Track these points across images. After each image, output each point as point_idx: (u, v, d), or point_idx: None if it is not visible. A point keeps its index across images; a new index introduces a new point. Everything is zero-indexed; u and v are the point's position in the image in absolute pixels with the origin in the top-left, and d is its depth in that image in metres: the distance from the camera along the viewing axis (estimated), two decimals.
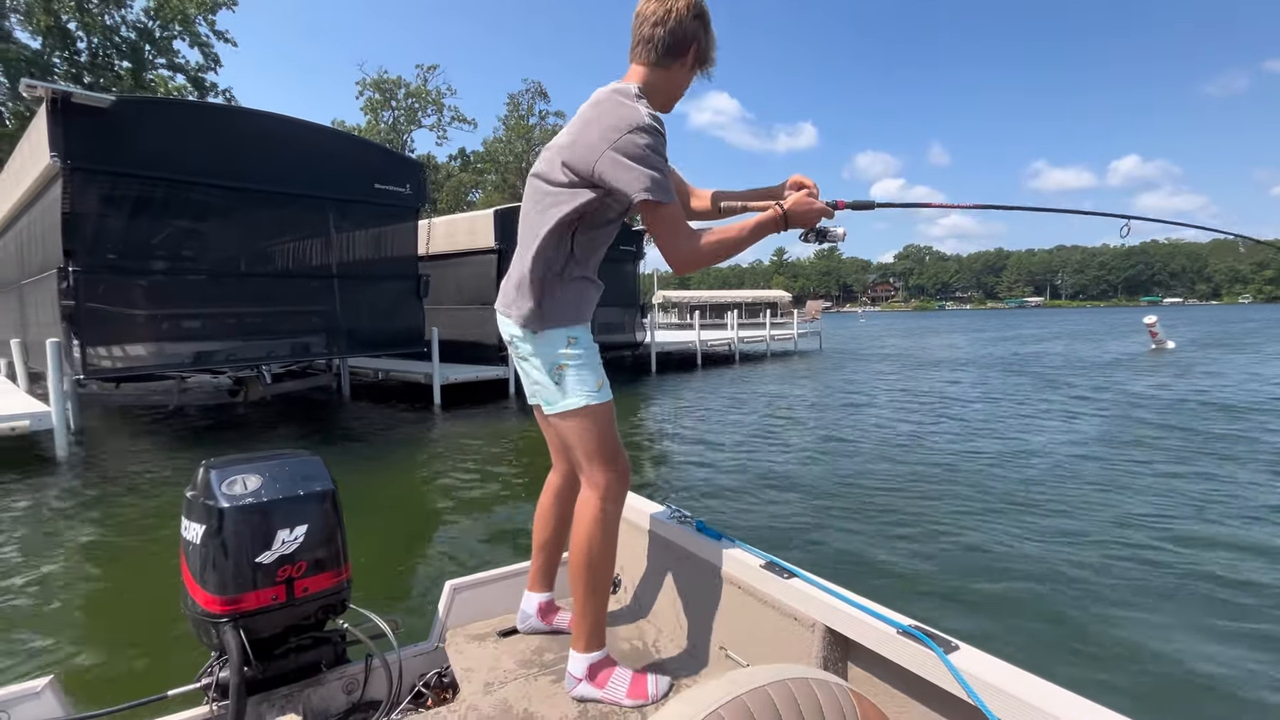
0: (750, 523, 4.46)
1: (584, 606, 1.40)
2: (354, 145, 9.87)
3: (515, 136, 41.32)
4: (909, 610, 1.18)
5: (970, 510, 4.55)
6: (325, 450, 7.26)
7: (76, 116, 6.11)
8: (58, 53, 26.29)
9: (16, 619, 3.15)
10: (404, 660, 1.51)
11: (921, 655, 1.06)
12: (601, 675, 1.39)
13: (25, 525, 4.58)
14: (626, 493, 1.46)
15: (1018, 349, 21.80)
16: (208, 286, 7.48)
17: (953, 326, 46.40)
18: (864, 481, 5.44)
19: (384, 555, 4.02)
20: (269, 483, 1.34)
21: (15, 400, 7.15)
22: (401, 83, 33.46)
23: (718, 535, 1.60)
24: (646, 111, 1.32)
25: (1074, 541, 3.91)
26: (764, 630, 1.40)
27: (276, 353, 8.58)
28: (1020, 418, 8.55)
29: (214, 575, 1.27)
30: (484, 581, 1.76)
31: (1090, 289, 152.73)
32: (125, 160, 6.52)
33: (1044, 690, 0.92)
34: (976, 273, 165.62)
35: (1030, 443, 6.88)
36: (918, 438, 7.29)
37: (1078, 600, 3.14)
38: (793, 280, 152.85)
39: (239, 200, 7.54)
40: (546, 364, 1.41)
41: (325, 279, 8.48)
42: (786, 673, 0.66)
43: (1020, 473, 5.61)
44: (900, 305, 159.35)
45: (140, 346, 6.94)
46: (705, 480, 5.67)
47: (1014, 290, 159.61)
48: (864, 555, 3.77)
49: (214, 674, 1.30)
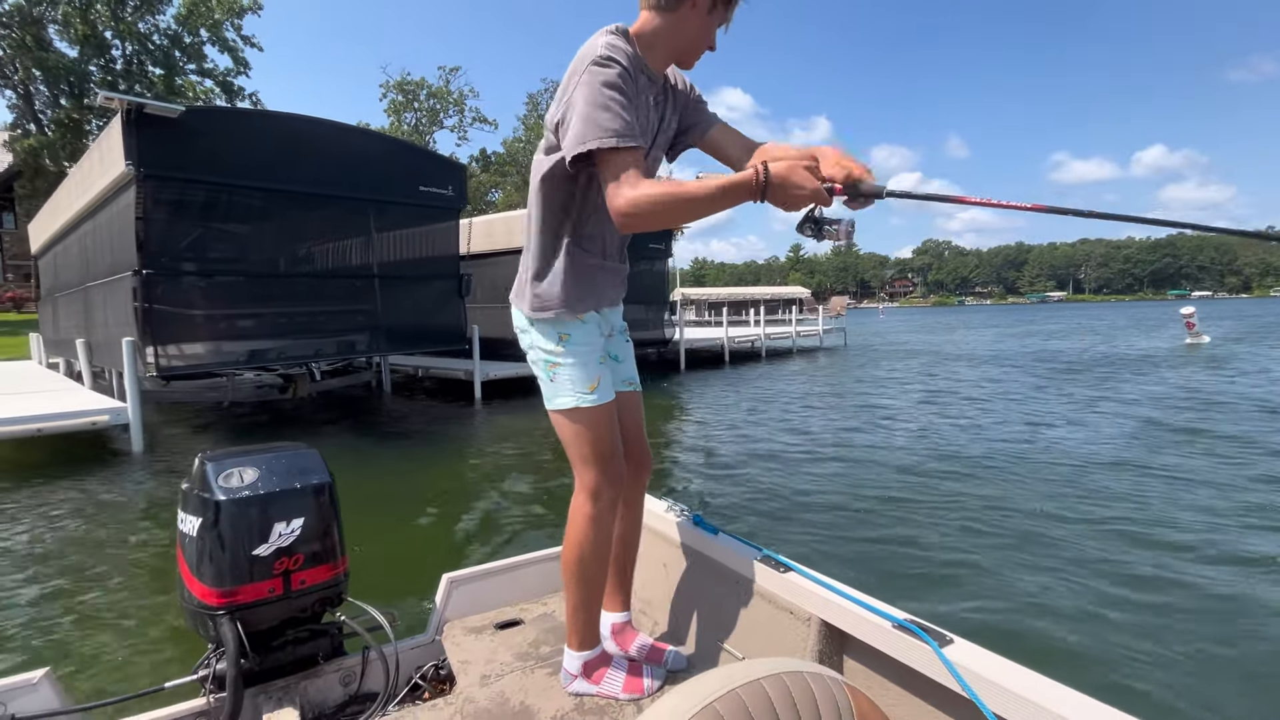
0: (767, 519, 4.40)
1: (576, 605, 1.38)
2: (400, 149, 10.16)
3: (535, 136, 41.63)
4: (905, 604, 1.18)
5: (989, 507, 4.47)
6: (368, 443, 7.56)
7: (148, 126, 6.41)
8: (94, 60, 27.03)
9: (78, 607, 3.22)
10: (401, 653, 1.50)
11: (916, 649, 1.06)
12: (597, 673, 1.39)
13: (114, 513, 4.87)
14: (619, 495, 1.41)
15: (1047, 344, 21.57)
16: (262, 287, 7.78)
17: (975, 322, 45.88)
18: (896, 479, 5.33)
19: (420, 546, 4.12)
20: (266, 475, 1.34)
21: (83, 397, 7.50)
22: (424, 84, 33.85)
23: (714, 529, 1.60)
24: (606, 45, 1.18)
25: (1081, 542, 3.82)
26: (759, 624, 1.40)
27: (324, 350, 8.89)
28: (1056, 414, 8.55)
29: (210, 568, 1.28)
30: (482, 575, 1.75)
31: (1115, 283, 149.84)
32: (191, 167, 6.82)
33: (1038, 684, 0.93)
34: (997, 267, 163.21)
35: (1057, 440, 6.85)
36: (941, 435, 7.28)
37: (1076, 596, 3.11)
38: (809, 276, 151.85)
39: (293, 204, 7.83)
40: (541, 358, 1.38)
41: (371, 279, 8.75)
42: (781, 666, 0.66)
43: (1053, 472, 5.52)
44: (919, 301, 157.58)
45: (203, 345, 7.26)
46: (725, 476, 5.63)
47: (1035, 285, 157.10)
48: (863, 549, 3.75)
49: (211, 666, 1.30)
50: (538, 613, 1.75)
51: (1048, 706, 0.88)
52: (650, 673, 1.43)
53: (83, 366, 8.93)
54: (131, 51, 27.70)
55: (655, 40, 1.27)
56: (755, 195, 1.15)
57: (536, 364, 1.40)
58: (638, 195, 1.13)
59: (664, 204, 1.13)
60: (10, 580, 3.58)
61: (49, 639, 2.90)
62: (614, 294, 1.46)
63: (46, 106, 27.42)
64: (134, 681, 2.49)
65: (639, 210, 1.13)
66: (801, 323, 22.27)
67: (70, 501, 5.13)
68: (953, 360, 16.77)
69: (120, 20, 26.39)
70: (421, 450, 7.25)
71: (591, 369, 1.35)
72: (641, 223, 1.16)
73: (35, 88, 27.15)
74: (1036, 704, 0.89)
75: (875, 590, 1.26)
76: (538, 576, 1.85)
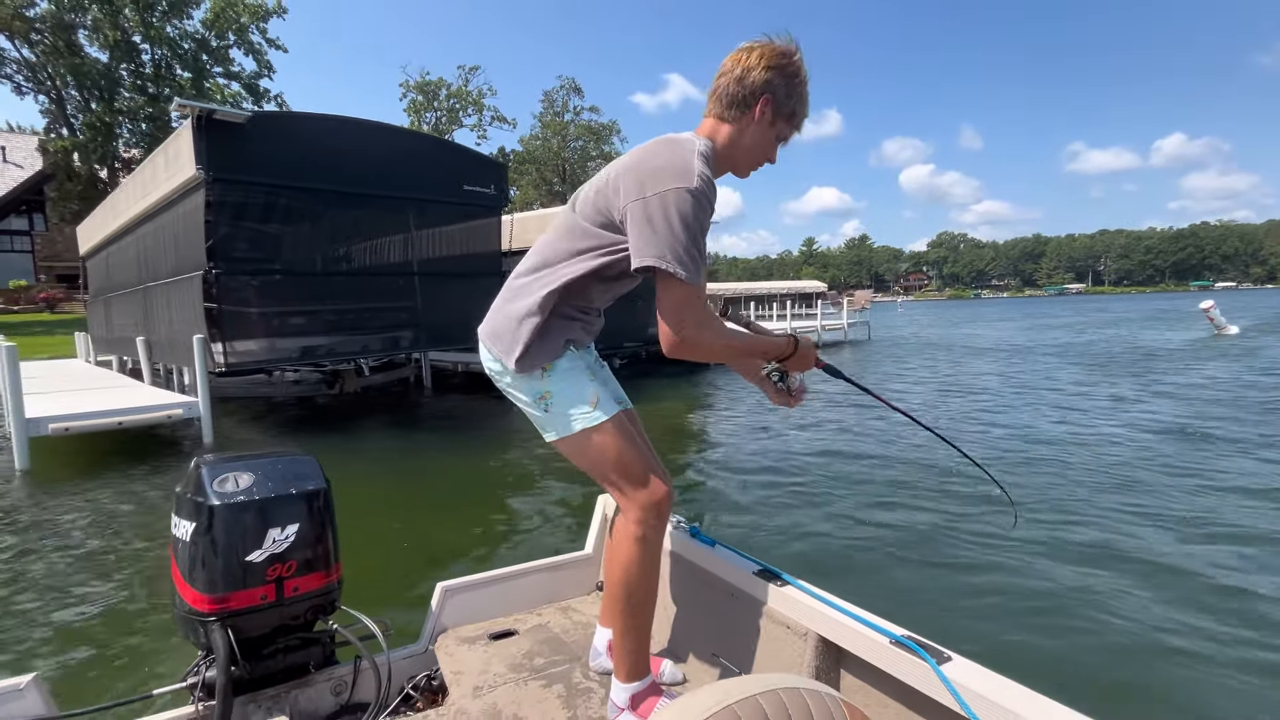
0: (765, 531, 4.27)
1: (624, 635, 1.31)
2: (446, 150, 10.41)
3: (551, 134, 41.86)
4: (903, 620, 1.17)
5: (995, 514, 4.33)
6: (409, 435, 7.71)
7: (216, 131, 6.69)
8: (124, 65, 27.62)
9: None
10: (393, 662, 1.48)
11: (914, 666, 1.05)
12: (645, 704, 1.30)
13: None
14: (667, 514, 1.33)
15: (1074, 337, 21.43)
16: (316, 286, 8.06)
17: (996, 315, 45.54)
18: (915, 483, 5.18)
19: (440, 548, 4.09)
20: (261, 481, 1.32)
21: (144, 393, 7.82)
22: (443, 84, 34.18)
23: (711, 542, 1.58)
24: (701, 173, 1.17)
25: (1090, 551, 3.69)
26: (756, 638, 1.39)
27: (370, 347, 9.17)
28: (1088, 408, 8.58)
29: (203, 573, 1.26)
30: (476, 584, 1.72)
31: (1135, 274, 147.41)
32: (254, 169, 7.10)
33: (1037, 703, 0.91)
34: (1014, 260, 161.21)
35: (1087, 437, 6.73)
36: (966, 433, 7.23)
37: (1081, 615, 3.01)
38: (822, 270, 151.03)
39: (346, 204, 8.09)
40: (529, 394, 1.32)
41: (415, 276, 9.01)
42: (778, 682, 0.65)
43: (1075, 472, 5.31)
44: (934, 294, 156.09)
45: (263, 342, 7.56)
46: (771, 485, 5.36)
47: (1054, 277, 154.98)
48: (863, 563, 3.67)
49: (200, 673, 1.28)
50: (532, 624, 1.72)
51: None
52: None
53: (142, 364, 9.27)
54: (160, 56, 28.25)
55: (722, 151, 1.30)
56: (784, 355, 1.35)
57: (523, 403, 1.34)
58: (703, 337, 1.20)
59: (717, 349, 1.25)
60: (74, 578, 3.60)
61: (66, 640, 2.88)
62: (589, 341, 1.46)
63: (78, 111, 28.09)
64: (123, 687, 2.46)
65: (695, 347, 1.20)
66: (825, 317, 22.33)
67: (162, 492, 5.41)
68: (979, 355, 16.75)
69: (149, 25, 26.91)
70: (453, 448, 7.37)
71: (584, 386, 1.30)
72: (686, 354, 1.22)
73: (67, 92, 27.81)
74: None
75: (869, 603, 1.24)
76: (533, 587, 1.82)
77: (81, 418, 6.08)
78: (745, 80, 1.25)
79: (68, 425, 5.95)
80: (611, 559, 1.34)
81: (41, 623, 3.06)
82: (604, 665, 1.48)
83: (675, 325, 1.18)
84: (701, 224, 1.17)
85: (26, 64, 27.00)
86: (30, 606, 3.25)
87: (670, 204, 1.14)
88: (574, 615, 1.76)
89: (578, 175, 40.22)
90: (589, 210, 1.27)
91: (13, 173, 33.81)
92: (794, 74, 1.28)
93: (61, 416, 5.98)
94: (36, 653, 2.79)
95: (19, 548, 4.11)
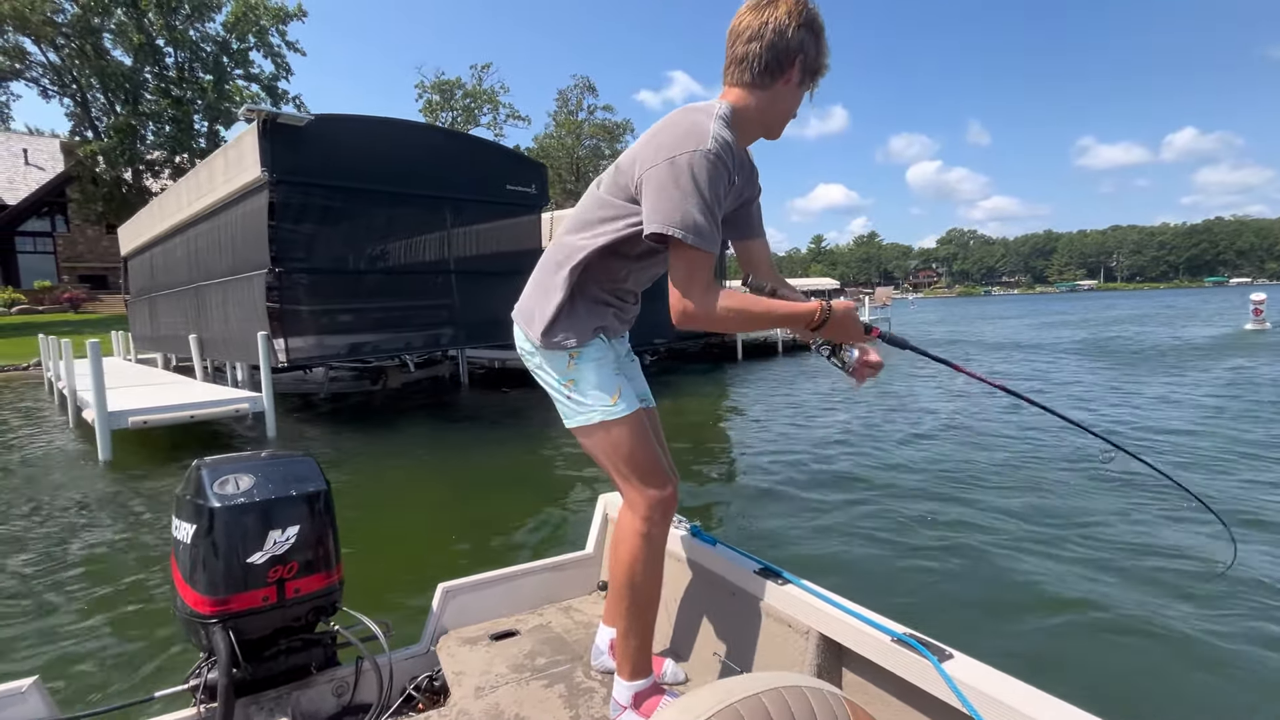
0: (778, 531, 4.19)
1: (628, 633, 1.31)
2: (490, 150, 10.62)
3: (565, 132, 42.07)
4: (904, 618, 1.17)
5: (1009, 514, 4.21)
6: (444, 429, 7.81)
7: (279, 134, 6.91)
8: (148, 68, 28.04)
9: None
10: (395, 663, 1.48)
11: (916, 663, 1.05)
12: (648, 703, 1.30)
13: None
14: (672, 514, 1.34)
15: (1103, 332, 21.27)
16: (367, 284, 8.29)
17: (1012, 311, 45.25)
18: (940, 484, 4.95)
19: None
20: (261, 483, 1.33)
21: (208, 389, 8.06)
22: (459, 84, 34.44)
23: (712, 540, 1.58)
24: (717, 136, 1.13)
25: (1097, 550, 3.59)
26: (758, 637, 1.39)
27: (413, 344, 9.39)
28: (1151, 407, 8.33)
29: (204, 575, 1.26)
30: (477, 585, 1.73)
31: (1148, 270, 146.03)
32: (312, 171, 7.32)
33: (1038, 700, 0.91)
34: (1024, 256, 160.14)
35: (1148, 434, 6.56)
36: (995, 432, 6.82)
37: (1082, 610, 2.96)
38: (831, 267, 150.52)
39: (395, 203, 8.31)
40: (555, 378, 1.32)
41: (459, 274, 9.21)
42: (780, 680, 0.65)
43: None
44: (943, 291, 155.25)
45: (320, 338, 7.79)
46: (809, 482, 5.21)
47: (1065, 274, 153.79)
48: (864, 560, 3.63)
49: (202, 675, 1.28)
50: (534, 624, 1.72)
51: None
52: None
53: (195, 360, 9.53)
54: (183, 58, 28.65)
55: (750, 116, 1.24)
56: (813, 325, 1.19)
57: (549, 385, 1.34)
58: (709, 303, 1.14)
59: (732, 316, 1.16)
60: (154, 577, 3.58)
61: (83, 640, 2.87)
62: (624, 330, 1.44)
63: (102, 113, 28.56)
64: (125, 690, 2.46)
65: (706, 316, 1.15)
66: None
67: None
68: (1021, 351, 16.77)
69: (172, 28, 27.30)
70: (484, 443, 7.29)
71: (610, 379, 1.29)
72: (699, 325, 1.16)
73: (92, 95, 28.27)
74: None
75: (871, 601, 1.25)
76: (534, 587, 1.83)
77: (158, 411, 6.32)
78: (778, 45, 1.19)
79: (146, 419, 6.19)
80: (616, 557, 1.33)
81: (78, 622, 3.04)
82: (606, 664, 1.47)
83: (684, 291, 1.15)
84: (717, 188, 1.13)
85: (52, 68, 27.47)
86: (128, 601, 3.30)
87: (683, 167, 1.11)
88: (575, 615, 1.77)
89: (590, 174, 40.41)
90: (610, 185, 1.26)
91: (35, 175, 34.40)
92: (821, 28, 1.24)
93: (140, 410, 6.22)
94: (71, 652, 2.77)
95: (125, 537, 4.32)
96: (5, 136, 35.69)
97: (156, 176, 28.88)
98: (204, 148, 28.87)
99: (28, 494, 5.35)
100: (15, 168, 34.71)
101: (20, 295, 28.43)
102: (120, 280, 15.53)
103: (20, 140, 36.65)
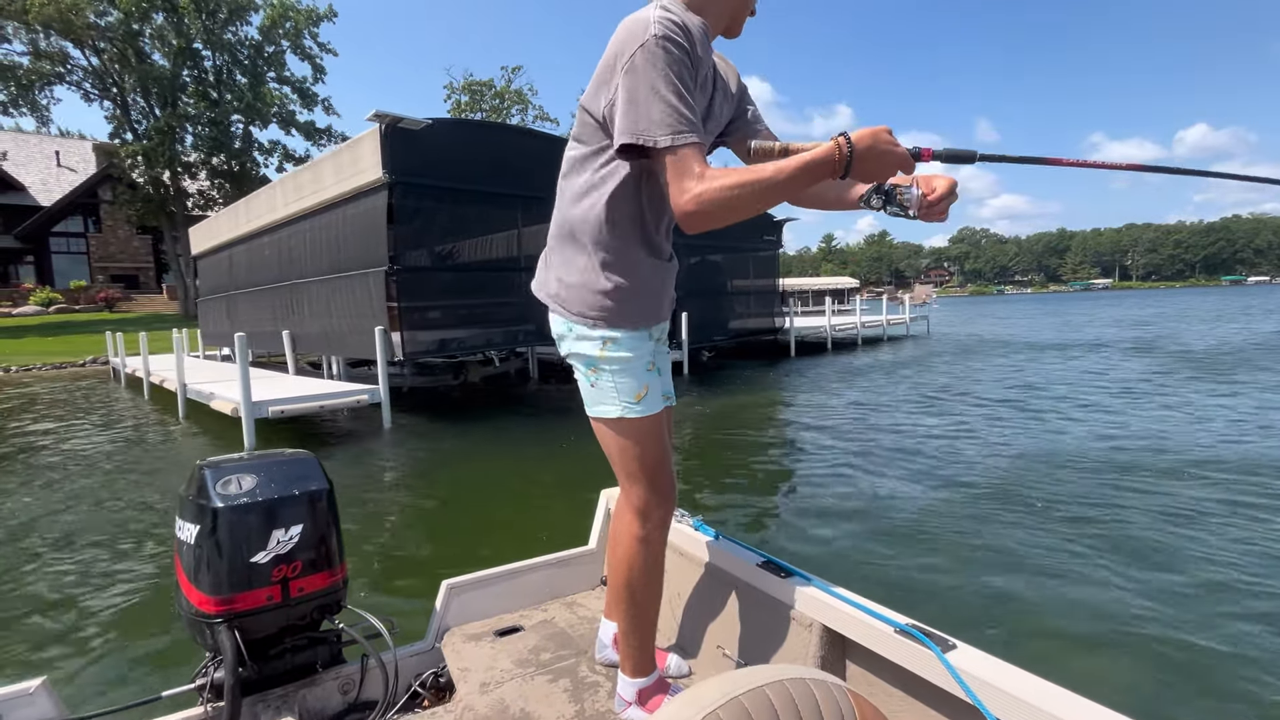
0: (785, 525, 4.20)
1: (629, 631, 1.31)
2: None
3: None
4: (908, 609, 1.17)
5: (1014, 509, 4.17)
6: (509, 421, 8.03)
7: (399, 138, 7.20)
8: (187, 71, 28.54)
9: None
10: (400, 660, 1.50)
11: (919, 654, 1.05)
12: (652, 700, 1.31)
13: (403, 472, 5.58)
14: (671, 515, 1.34)
15: (1138, 331, 21.11)
16: (461, 281, 8.59)
17: (1034, 310, 44.98)
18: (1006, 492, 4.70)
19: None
20: (264, 482, 1.34)
21: (322, 383, 8.35)
22: (490, 84, 34.81)
23: (715, 534, 1.59)
24: (660, 20, 1.04)
25: (1104, 544, 3.58)
26: (761, 630, 1.39)
27: (494, 340, 9.69)
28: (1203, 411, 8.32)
29: (208, 575, 1.27)
30: (481, 581, 1.74)
31: (1164, 269, 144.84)
32: (425, 173, 7.61)
33: (1043, 689, 0.91)
34: (1037, 255, 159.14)
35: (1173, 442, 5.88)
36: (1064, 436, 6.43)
37: (1084, 599, 2.98)
38: (841, 267, 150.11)
39: (492, 204, 8.60)
40: (584, 362, 1.26)
41: (529, 271, 9.44)
42: (784, 673, 0.66)
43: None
44: (956, 290, 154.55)
45: (429, 333, 8.11)
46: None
47: (1079, 272, 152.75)
48: (867, 553, 3.62)
49: (209, 674, 1.29)
50: (538, 619, 1.73)
51: (1054, 712, 0.87)
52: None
53: (287, 355, 9.85)
54: (221, 61, 29.13)
55: (706, 7, 1.15)
56: (838, 170, 1.00)
57: (580, 369, 1.29)
58: (706, 188, 1.00)
59: (738, 195, 1.00)
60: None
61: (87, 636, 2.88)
62: (670, 302, 1.36)
63: (142, 116, 29.07)
64: (133, 689, 2.47)
65: (710, 207, 1.01)
66: (889, 310, 22.63)
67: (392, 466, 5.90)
68: (1061, 351, 16.88)
69: (210, 31, 27.77)
70: (537, 439, 7.20)
71: (639, 377, 1.24)
72: (711, 220, 1.03)
73: (132, 98, 28.79)
74: (1042, 710, 0.88)
75: (874, 593, 1.26)
76: (539, 582, 1.83)
77: (293, 402, 6.62)
78: None
79: (284, 409, 6.49)
80: (614, 556, 1.33)
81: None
82: (610, 657, 1.48)
83: (678, 191, 1.03)
84: (679, 70, 1.03)
85: (94, 71, 27.99)
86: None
87: (637, 67, 1.02)
88: (579, 610, 1.78)
89: None
90: (581, 131, 1.19)
91: (67, 177, 35.03)
92: None
93: (277, 400, 6.52)
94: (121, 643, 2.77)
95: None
96: (39, 140, 36.35)
97: (194, 178, 29.38)
98: (239, 149, 29.41)
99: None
100: (48, 170, 35.37)
101: (57, 295, 28.99)
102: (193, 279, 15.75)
103: (53, 143, 37.30)
